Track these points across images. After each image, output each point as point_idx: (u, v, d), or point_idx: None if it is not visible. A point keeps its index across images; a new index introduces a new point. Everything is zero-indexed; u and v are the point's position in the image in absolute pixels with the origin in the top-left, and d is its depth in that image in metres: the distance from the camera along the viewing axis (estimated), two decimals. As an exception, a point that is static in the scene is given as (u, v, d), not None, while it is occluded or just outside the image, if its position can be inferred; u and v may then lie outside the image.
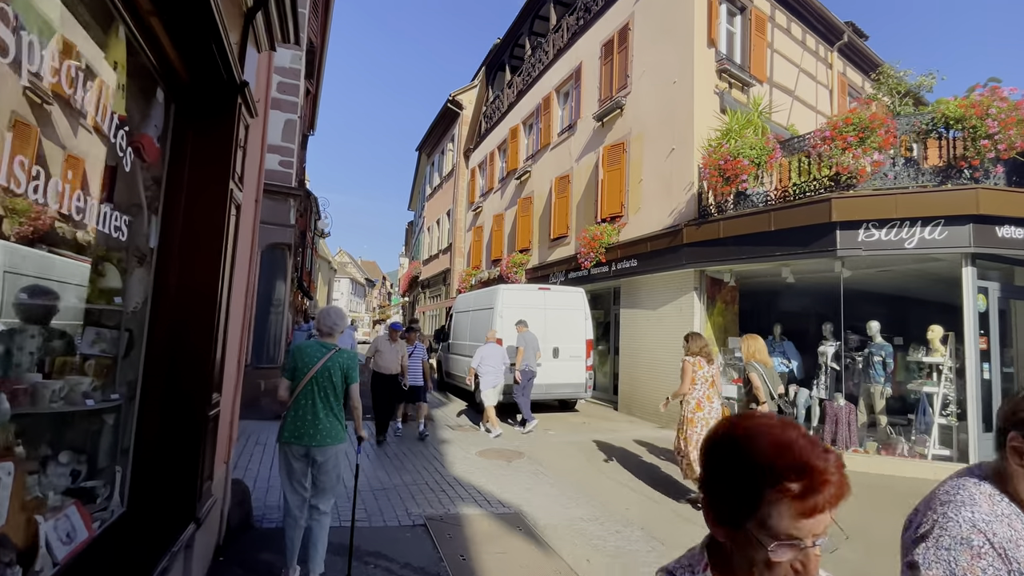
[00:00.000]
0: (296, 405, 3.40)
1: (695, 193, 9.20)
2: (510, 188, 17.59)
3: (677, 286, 9.40)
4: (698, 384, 5.27)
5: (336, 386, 3.45)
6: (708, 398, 5.25)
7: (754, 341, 5.60)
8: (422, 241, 30.01)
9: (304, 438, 3.33)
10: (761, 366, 5.43)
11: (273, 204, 8.86)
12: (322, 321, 3.69)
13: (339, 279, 72.80)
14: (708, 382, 5.30)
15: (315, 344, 3.60)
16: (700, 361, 5.31)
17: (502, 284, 10.35)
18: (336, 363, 3.47)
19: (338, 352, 3.52)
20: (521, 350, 8.82)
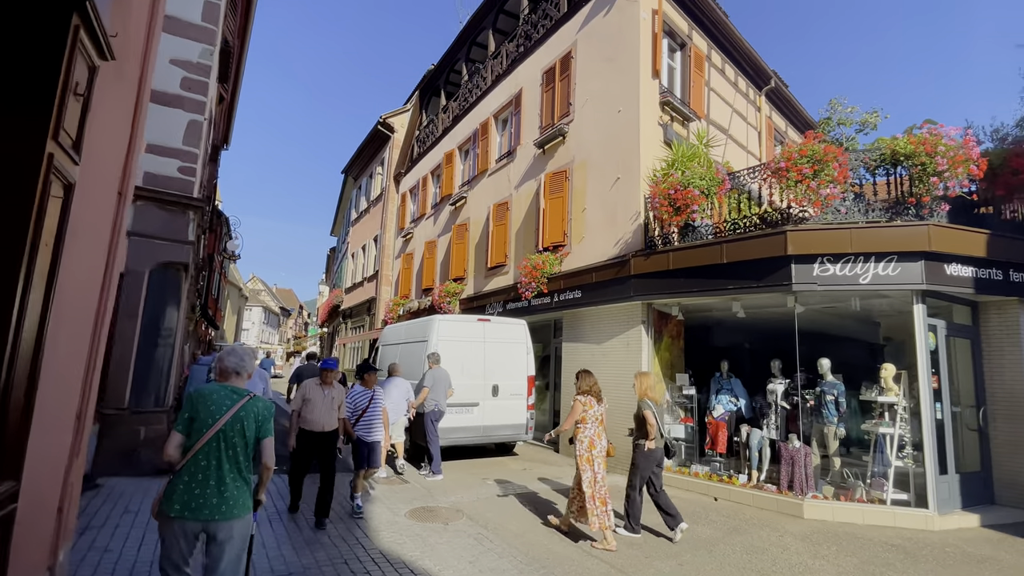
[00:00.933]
0: (192, 467, 2.61)
1: (642, 223, 8.85)
2: (444, 214, 16.79)
3: (624, 319, 8.91)
4: (590, 423, 5.26)
5: (248, 442, 2.76)
6: (598, 436, 5.26)
7: (647, 378, 5.75)
8: (345, 268, 28.31)
9: (203, 511, 2.56)
10: (653, 404, 5.56)
11: (167, 216, 7.50)
12: (225, 361, 2.87)
13: (250, 307, 67.87)
14: (598, 421, 5.32)
15: (222, 389, 2.80)
16: (591, 400, 5.34)
17: (437, 314, 9.43)
18: (250, 413, 2.78)
19: (252, 400, 2.83)
20: (427, 390, 7.99)
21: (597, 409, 5.33)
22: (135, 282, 7.17)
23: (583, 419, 5.25)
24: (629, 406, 8.46)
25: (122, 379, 6.97)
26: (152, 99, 7.57)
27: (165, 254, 7.41)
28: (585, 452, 5.19)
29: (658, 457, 5.52)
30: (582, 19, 11.11)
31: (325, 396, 5.51)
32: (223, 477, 2.61)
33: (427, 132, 19.70)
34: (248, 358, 2.95)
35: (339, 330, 27.70)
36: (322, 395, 5.50)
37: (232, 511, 2.60)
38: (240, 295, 54.80)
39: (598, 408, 5.34)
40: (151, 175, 7.42)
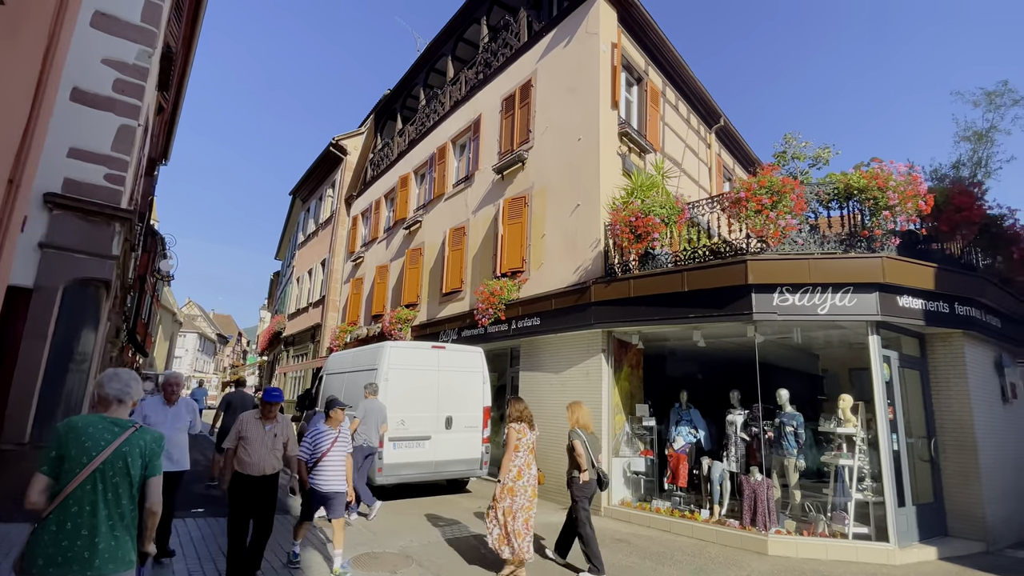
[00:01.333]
0: (60, 514, 2.15)
1: (602, 250, 8.76)
2: (397, 238, 16.31)
3: (584, 347, 8.69)
4: (521, 451, 5.07)
5: (133, 482, 2.31)
6: (528, 465, 5.08)
7: (578, 408, 5.70)
8: (289, 293, 27.05)
9: (71, 566, 2.10)
10: (584, 433, 5.46)
11: (89, 227, 6.74)
12: (105, 387, 2.41)
13: (184, 333, 63.95)
14: (529, 449, 5.15)
15: (100, 421, 2.33)
16: (524, 427, 5.15)
17: (388, 341, 8.91)
18: (135, 448, 2.33)
19: (138, 432, 2.39)
20: (356, 421, 7.39)
21: (530, 437, 5.15)
22: (45, 300, 6.34)
23: (516, 447, 5.06)
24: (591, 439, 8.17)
25: (23, 410, 6.06)
26: (78, 99, 6.91)
27: (84, 269, 6.62)
28: (509, 481, 4.98)
29: (592, 489, 5.37)
30: (542, 49, 11.20)
31: (266, 433, 4.55)
32: (97, 526, 2.17)
33: (382, 155, 19.32)
34: (134, 383, 2.51)
35: (280, 358, 26.26)
36: (262, 432, 4.54)
37: (108, 566, 2.14)
38: (174, 320, 51.50)
39: (531, 436, 5.17)
40: (73, 182, 6.68)
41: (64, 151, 6.69)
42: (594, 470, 5.36)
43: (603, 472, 5.50)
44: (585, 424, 5.59)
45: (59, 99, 6.75)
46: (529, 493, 4.99)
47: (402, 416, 8.22)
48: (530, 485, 5.01)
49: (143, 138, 8.91)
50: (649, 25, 10.81)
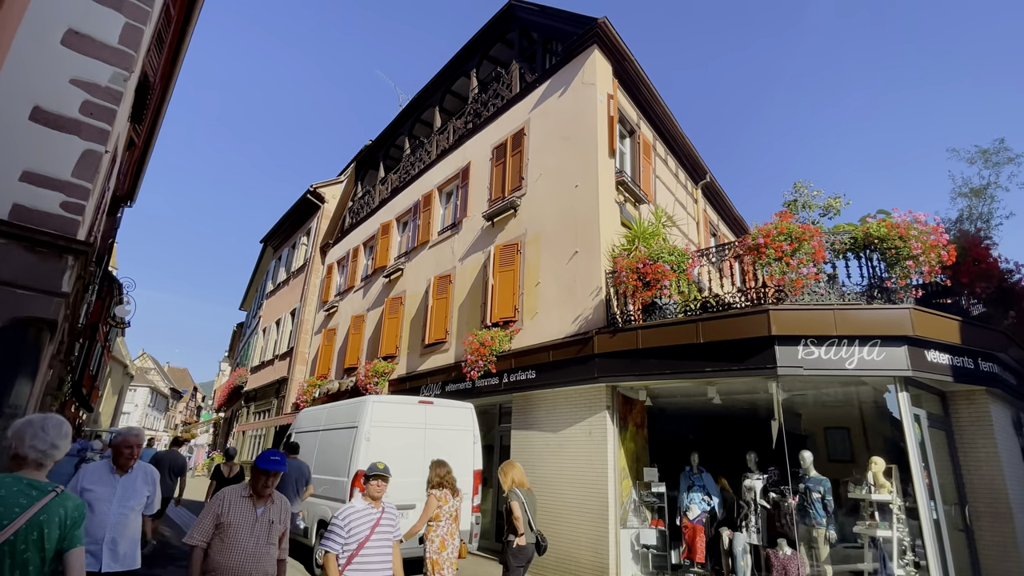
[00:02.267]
0: None
1: (603, 299, 8.29)
2: (376, 287, 15.59)
3: (586, 403, 8.03)
4: (443, 520, 4.80)
5: (46, 558, 2.00)
6: (451, 534, 4.80)
7: (512, 468, 5.38)
8: (254, 345, 25.61)
9: None
10: (522, 492, 5.14)
11: (35, 260, 5.90)
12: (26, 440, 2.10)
13: (135, 387, 60.13)
14: (452, 517, 4.86)
15: (13, 483, 2.03)
16: (445, 494, 4.88)
17: (370, 396, 8.07)
18: (53, 517, 2.03)
19: (59, 498, 2.10)
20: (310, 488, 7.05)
21: (452, 504, 4.84)
22: (-29, 343, 5.40)
23: (436, 516, 4.75)
24: (590, 507, 7.39)
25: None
26: (38, 119, 6.22)
27: (25, 307, 5.72)
28: (435, 554, 4.67)
29: (529, 554, 4.96)
30: (535, 99, 11.15)
31: (258, 520, 3.17)
32: None
33: (362, 203, 18.87)
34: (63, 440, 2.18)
35: (239, 415, 24.47)
36: (252, 517, 3.16)
37: None
38: (125, 373, 48.35)
39: (453, 503, 4.86)
40: (23, 209, 5.89)
41: (16, 174, 5.94)
42: (532, 533, 4.94)
43: (542, 535, 5.09)
44: (521, 482, 5.22)
45: (15, 118, 6.10)
46: (451, 564, 4.69)
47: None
48: (453, 556, 4.70)
49: (109, 168, 8.21)
50: (642, 79, 10.92)
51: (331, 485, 7.66)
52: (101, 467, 3.88)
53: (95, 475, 3.76)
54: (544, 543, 5.03)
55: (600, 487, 7.40)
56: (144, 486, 3.86)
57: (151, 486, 3.93)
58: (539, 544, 4.98)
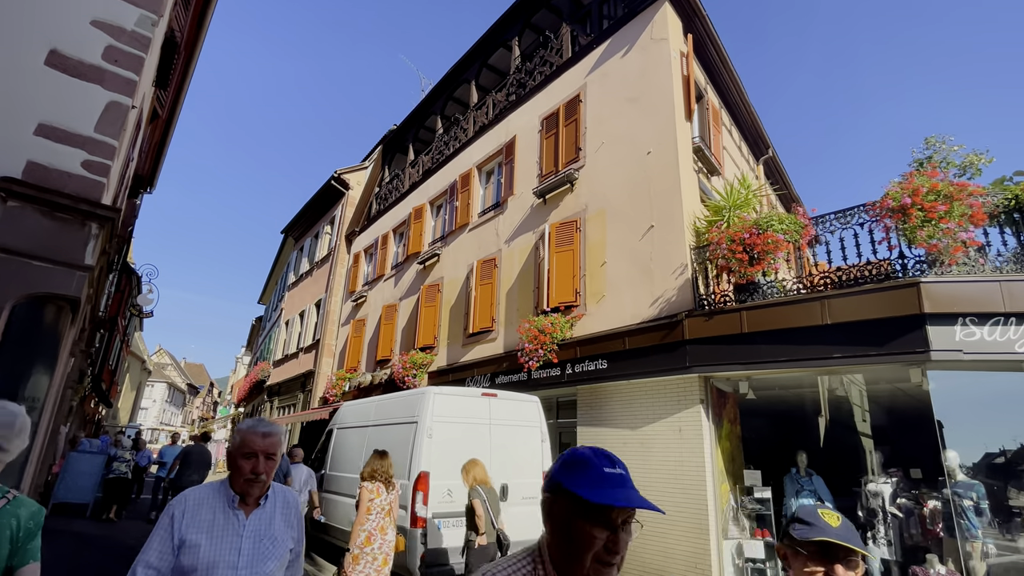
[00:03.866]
0: None
1: (689, 278, 7.29)
2: (409, 274, 14.70)
3: (673, 396, 7.05)
4: (373, 514, 4.68)
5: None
6: (382, 529, 4.68)
7: (474, 467, 5.20)
8: (275, 338, 24.91)
9: None
10: (484, 489, 4.94)
11: (54, 227, 5.03)
12: None
13: (153, 383, 60.18)
14: (384, 511, 4.74)
15: None
16: (378, 487, 4.77)
17: (431, 387, 7.16)
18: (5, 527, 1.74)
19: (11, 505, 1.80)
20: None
21: (384, 498, 4.72)
22: (-19, 323, 4.55)
23: (368, 509, 4.65)
24: (684, 515, 6.43)
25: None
26: (55, 64, 5.34)
27: (43, 282, 4.85)
28: (356, 548, 4.55)
29: (491, 554, 4.71)
30: (592, 62, 10.13)
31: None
32: None
33: (390, 188, 17.98)
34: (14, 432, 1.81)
35: (262, 410, 23.79)
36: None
37: None
38: (143, 368, 48.15)
39: (386, 497, 4.74)
40: (38, 167, 5.01)
41: (30, 126, 5.06)
42: (494, 531, 4.76)
43: (503, 534, 4.88)
44: (483, 480, 5.03)
45: (29, 61, 5.23)
46: (379, 562, 4.53)
47: (448, 484, 6.39)
48: (381, 553, 4.56)
49: (135, 133, 7.35)
50: (712, 40, 9.85)
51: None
52: (209, 495, 1.96)
53: (200, 511, 1.91)
54: (506, 542, 4.78)
55: (696, 492, 6.43)
56: (286, 530, 2.03)
57: (297, 528, 2.09)
58: (500, 543, 4.77)
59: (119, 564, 7.10)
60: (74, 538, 8.22)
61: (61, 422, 9.25)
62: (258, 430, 1.98)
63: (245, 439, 1.96)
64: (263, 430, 1.99)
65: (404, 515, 6.20)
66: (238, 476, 1.96)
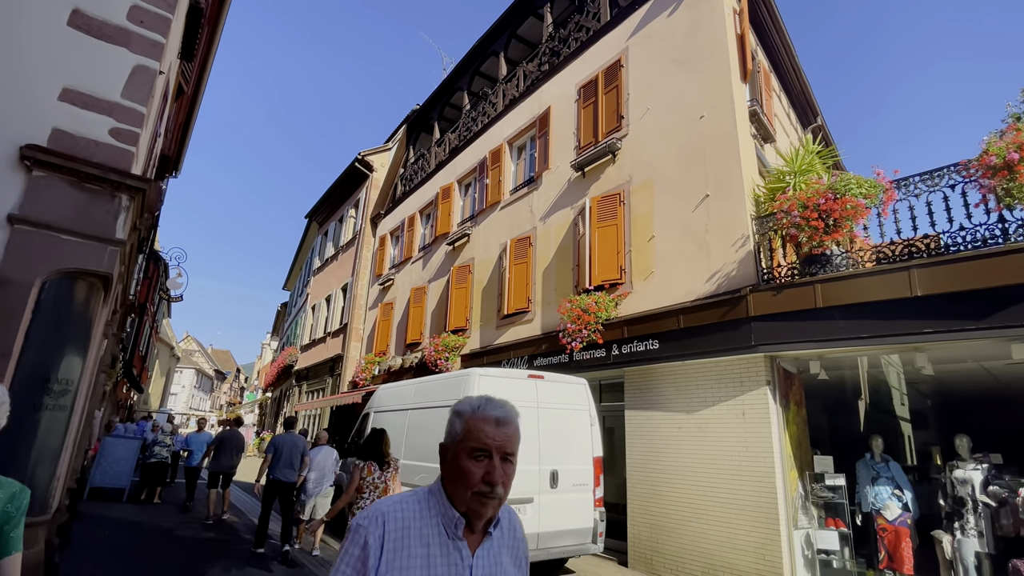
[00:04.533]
0: None
1: (751, 250, 6.75)
2: (438, 256, 14.34)
3: (735, 377, 6.57)
4: (367, 492, 4.67)
5: None
6: None
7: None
8: (302, 323, 24.91)
9: None
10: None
11: (84, 199, 4.73)
12: None
13: (181, 369, 61.42)
14: (379, 489, 4.69)
15: None
16: (370, 466, 4.76)
17: (475, 368, 6.79)
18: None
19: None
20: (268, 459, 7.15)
21: (378, 475, 4.67)
22: (12, 299, 4.27)
23: (360, 487, 4.64)
24: (750, 504, 5.98)
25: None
26: (78, 25, 4.98)
27: (73, 257, 4.55)
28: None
29: None
30: (635, 24, 9.50)
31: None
32: None
33: (415, 168, 17.57)
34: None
35: (290, 395, 23.87)
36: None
37: None
38: (172, 354, 49.06)
39: (379, 474, 4.69)
40: (64, 134, 4.70)
41: (54, 91, 4.73)
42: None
43: None
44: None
45: (51, 21, 4.89)
46: None
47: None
48: None
49: (162, 104, 7.02)
50: (764, -4, 9.15)
51: (431, 473, 6.43)
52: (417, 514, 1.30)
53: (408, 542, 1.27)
54: None
55: (764, 479, 5.97)
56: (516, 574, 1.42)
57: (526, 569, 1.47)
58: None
59: (157, 545, 6.95)
60: (112, 523, 8.13)
61: (95, 406, 9.14)
62: (490, 414, 1.31)
63: (472, 428, 1.30)
64: (496, 414, 1.31)
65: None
66: (462, 487, 1.28)
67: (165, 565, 6.13)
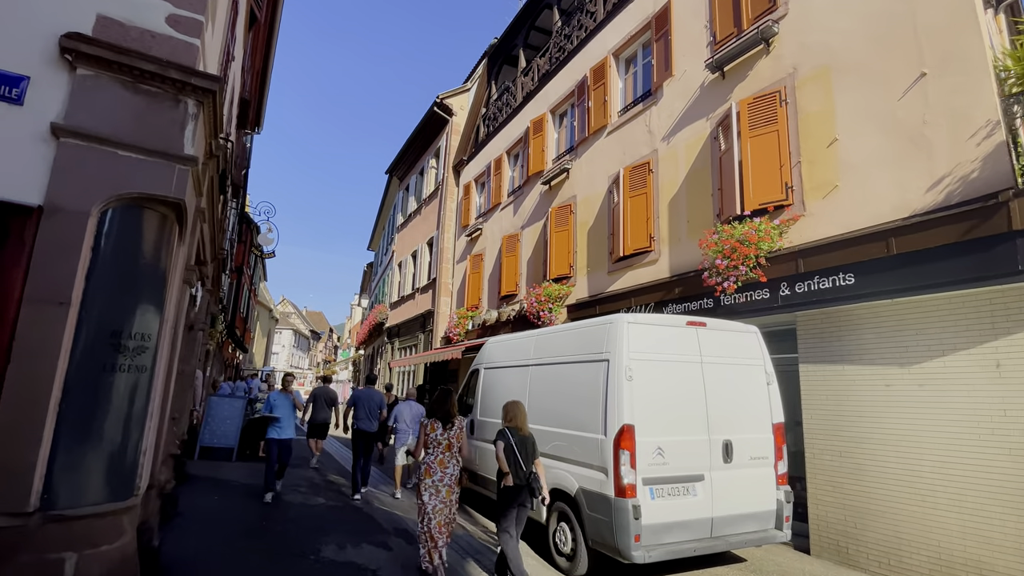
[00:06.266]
0: None
1: (1003, 140, 4.79)
2: (531, 198, 12.96)
3: (984, 317, 4.76)
4: (431, 448, 4.72)
5: None
6: (441, 463, 4.69)
7: (514, 407, 4.71)
8: (389, 281, 24.72)
9: None
10: (514, 432, 4.54)
11: (142, 104, 3.73)
12: None
13: (280, 330, 65.35)
14: (442, 446, 4.71)
15: None
16: (434, 423, 4.77)
17: (621, 315, 5.46)
18: None
19: None
20: None
21: (440, 433, 4.72)
22: (65, 234, 3.38)
23: (425, 443, 4.77)
24: (1007, 487, 4.27)
25: (23, 447, 3.12)
26: None
27: (133, 179, 3.59)
28: (419, 480, 4.74)
29: (516, 498, 4.42)
30: None
31: None
32: None
33: (499, 106, 16.05)
34: None
35: (383, 352, 23.95)
36: None
37: None
38: (270, 317, 52.01)
39: (442, 432, 4.72)
40: (111, 23, 3.67)
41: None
42: (522, 475, 4.41)
43: (536, 478, 4.45)
44: (519, 426, 4.59)
45: None
46: (442, 494, 4.62)
47: (658, 441, 4.74)
48: (444, 485, 4.65)
49: (232, 14, 5.96)
50: None
51: (573, 443, 5.26)
52: None
53: None
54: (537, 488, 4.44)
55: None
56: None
57: None
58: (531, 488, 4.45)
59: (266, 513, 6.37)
60: (221, 487, 7.80)
61: (197, 366, 8.79)
62: None
63: None
64: None
65: (605, 480, 4.69)
66: None
67: (278, 537, 5.47)
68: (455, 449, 4.73)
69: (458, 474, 4.75)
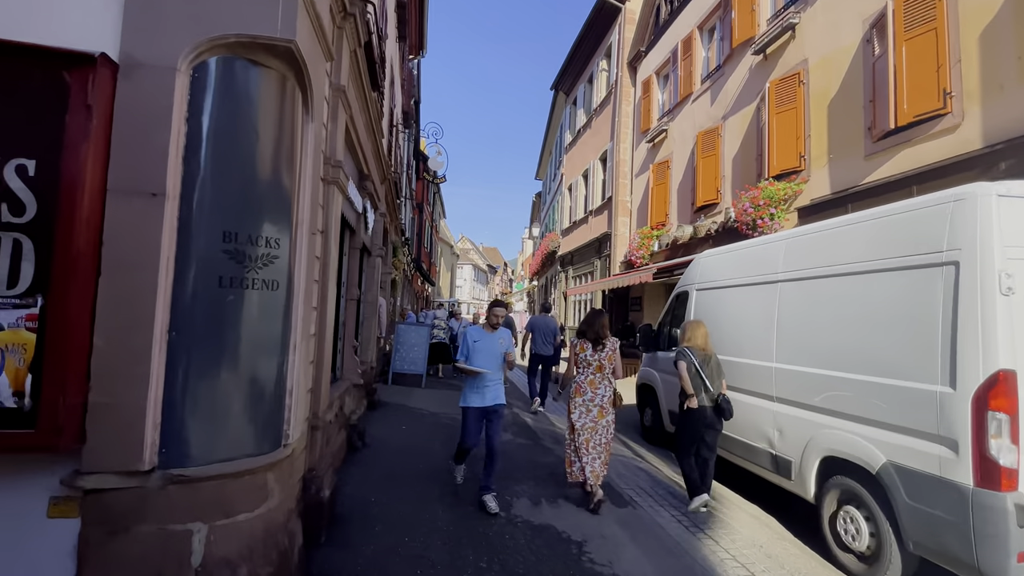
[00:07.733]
0: None
1: None
2: (735, 78, 10.22)
3: None
4: (580, 368, 4.65)
5: None
6: (592, 384, 4.62)
7: (692, 327, 4.71)
8: (558, 207, 23.47)
9: None
10: (695, 352, 4.49)
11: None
12: None
13: (462, 265, 69.59)
14: (593, 366, 4.62)
15: None
16: (583, 343, 4.65)
17: (973, 185, 3.32)
18: None
19: None
20: None
21: (589, 354, 4.60)
22: (150, 97, 2.43)
23: (575, 362, 4.68)
24: None
25: (128, 387, 2.37)
26: None
27: (223, 15, 2.52)
28: (568, 400, 4.74)
29: (701, 419, 4.37)
30: None
31: None
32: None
33: (684, -27, 12.98)
34: None
35: (556, 281, 23.18)
36: None
37: None
38: (452, 252, 55.31)
39: (591, 353, 4.60)
40: None
41: None
42: (707, 396, 4.36)
43: (723, 399, 4.35)
44: (701, 345, 4.55)
45: None
46: (593, 414, 4.52)
47: None
48: (595, 405, 4.54)
49: None
50: None
51: (872, 395, 3.39)
52: None
53: None
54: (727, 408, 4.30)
55: None
56: None
57: None
58: (720, 408, 4.31)
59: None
60: (410, 416, 7.56)
61: (380, 294, 8.53)
62: None
63: None
64: None
65: (951, 459, 2.80)
66: None
67: (465, 485, 4.67)
68: (607, 371, 4.60)
69: (611, 395, 4.61)
